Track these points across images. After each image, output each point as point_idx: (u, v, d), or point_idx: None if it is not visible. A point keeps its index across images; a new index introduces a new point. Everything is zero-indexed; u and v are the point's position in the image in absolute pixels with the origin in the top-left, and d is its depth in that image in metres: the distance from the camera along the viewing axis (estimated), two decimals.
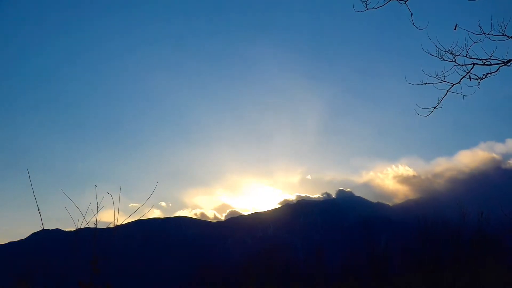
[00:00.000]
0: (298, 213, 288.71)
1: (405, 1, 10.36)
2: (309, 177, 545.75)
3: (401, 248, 67.28)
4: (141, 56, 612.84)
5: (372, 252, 66.11)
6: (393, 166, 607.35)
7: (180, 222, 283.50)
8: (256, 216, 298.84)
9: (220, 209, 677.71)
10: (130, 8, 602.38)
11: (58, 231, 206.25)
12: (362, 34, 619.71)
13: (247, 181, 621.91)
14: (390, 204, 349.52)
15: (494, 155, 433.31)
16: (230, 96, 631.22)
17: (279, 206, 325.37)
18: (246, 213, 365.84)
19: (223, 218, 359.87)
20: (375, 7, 10.40)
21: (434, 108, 11.08)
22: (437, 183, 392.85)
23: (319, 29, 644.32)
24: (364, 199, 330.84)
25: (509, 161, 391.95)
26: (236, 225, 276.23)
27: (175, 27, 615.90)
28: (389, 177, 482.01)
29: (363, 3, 10.38)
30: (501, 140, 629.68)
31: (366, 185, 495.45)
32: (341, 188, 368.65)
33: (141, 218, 9.74)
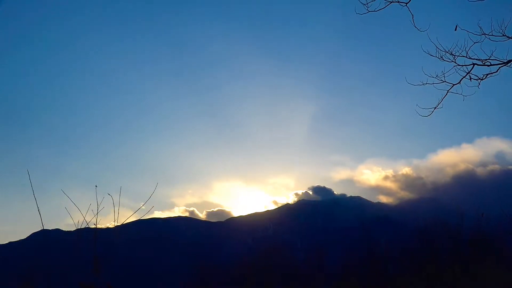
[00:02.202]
0: (299, 213, 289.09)
1: (406, 3, 10.39)
2: (285, 175, 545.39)
3: (400, 248, 67.34)
4: (125, 54, 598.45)
5: (372, 252, 66.23)
6: (362, 166, 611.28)
7: (180, 223, 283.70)
8: (256, 216, 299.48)
9: (199, 207, 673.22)
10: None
11: (58, 231, 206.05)
12: (362, 35, 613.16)
13: (218, 180, 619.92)
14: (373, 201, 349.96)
15: (470, 155, 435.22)
16: (206, 94, 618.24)
17: (279, 206, 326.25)
18: (223, 210, 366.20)
19: (203, 216, 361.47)
20: (376, 10, 10.46)
21: (435, 108, 11.08)
22: (420, 183, 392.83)
23: (316, 29, 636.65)
24: (363, 199, 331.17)
25: (492, 161, 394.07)
26: (236, 225, 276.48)
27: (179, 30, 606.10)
28: (369, 176, 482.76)
29: (364, 5, 10.45)
30: (470, 141, 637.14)
31: (341, 182, 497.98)
32: (320, 185, 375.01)
33: (140, 219, 9.74)
